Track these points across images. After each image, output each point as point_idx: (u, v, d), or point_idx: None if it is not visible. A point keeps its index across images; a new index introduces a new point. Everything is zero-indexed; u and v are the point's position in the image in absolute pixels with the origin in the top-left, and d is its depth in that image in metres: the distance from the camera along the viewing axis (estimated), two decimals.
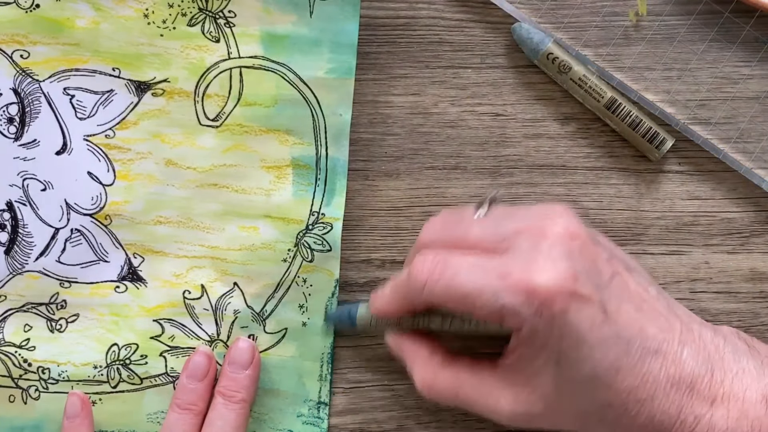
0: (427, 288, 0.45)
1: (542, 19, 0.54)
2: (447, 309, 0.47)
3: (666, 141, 0.52)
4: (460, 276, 0.45)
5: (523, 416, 0.46)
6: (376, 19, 0.54)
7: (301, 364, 0.53)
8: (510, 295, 0.43)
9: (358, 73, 0.54)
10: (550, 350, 0.44)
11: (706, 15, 0.54)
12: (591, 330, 0.44)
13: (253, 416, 0.53)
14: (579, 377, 0.44)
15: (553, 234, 0.44)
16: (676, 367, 0.45)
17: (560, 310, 0.43)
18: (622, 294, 0.45)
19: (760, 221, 0.54)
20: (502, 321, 0.44)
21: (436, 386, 0.49)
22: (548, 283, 0.43)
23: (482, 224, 0.47)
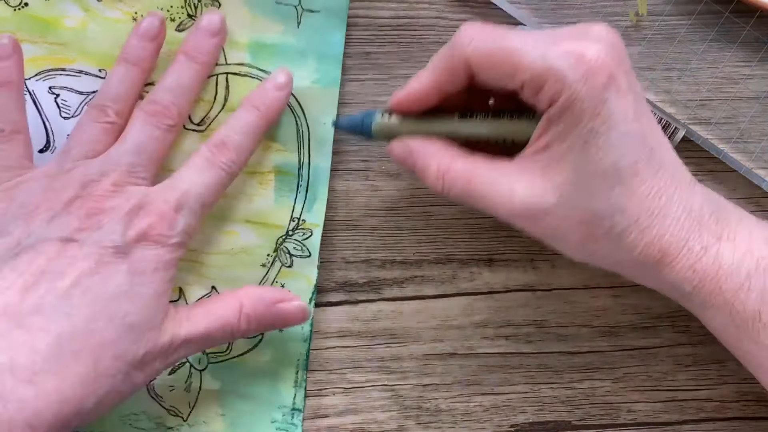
0: (474, 43, 0.45)
1: (543, 20, 0.54)
2: (484, 75, 0.46)
3: (678, 131, 0.52)
4: (510, 36, 0.45)
5: (533, 209, 0.46)
6: (376, 19, 0.54)
7: (276, 370, 0.53)
8: (559, 57, 0.43)
9: (358, 73, 0.54)
10: (581, 127, 0.44)
11: (707, 15, 0.54)
12: (624, 120, 0.44)
13: (226, 421, 0.53)
14: (602, 166, 0.44)
15: (599, 30, 0.45)
16: (688, 197, 0.46)
17: (603, 84, 0.43)
18: (647, 111, 0.46)
19: None
20: (542, 87, 0.44)
21: (451, 172, 0.48)
22: (599, 54, 0.43)
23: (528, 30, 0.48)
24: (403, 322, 0.54)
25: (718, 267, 0.45)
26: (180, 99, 0.51)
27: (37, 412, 0.44)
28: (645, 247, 0.45)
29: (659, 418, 0.54)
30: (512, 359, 0.54)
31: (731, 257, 0.45)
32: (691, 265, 0.45)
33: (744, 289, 0.45)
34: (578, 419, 0.54)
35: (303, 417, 0.53)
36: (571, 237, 0.46)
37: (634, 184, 0.44)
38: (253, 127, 0.51)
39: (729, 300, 0.45)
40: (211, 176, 0.50)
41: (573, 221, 0.46)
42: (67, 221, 0.47)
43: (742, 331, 0.46)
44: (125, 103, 0.51)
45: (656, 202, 0.45)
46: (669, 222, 0.45)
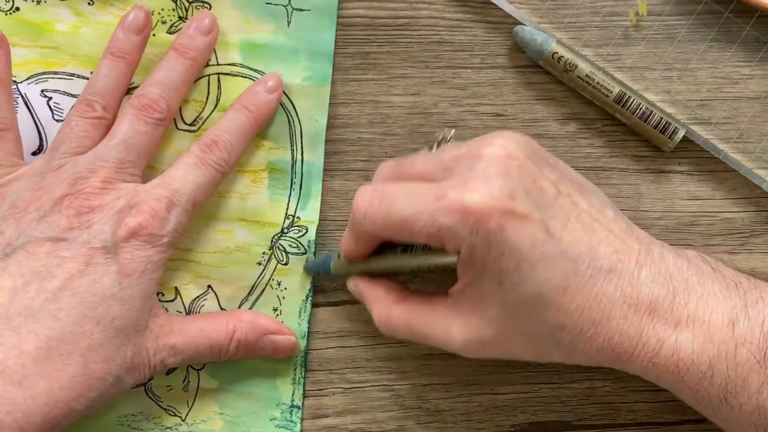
0: (367, 218, 0.46)
1: (542, 20, 0.54)
2: (392, 239, 0.47)
3: (678, 130, 0.52)
4: (397, 202, 0.45)
5: (474, 343, 0.46)
6: (376, 19, 0.54)
7: (274, 368, 0.53)
8: (445, 215, 0.43)
9: (358, 73, 0.54)
10: (491, 272, 0.43)
11: (706, 15, 0.54)
12: (532, 248, 0.43)
13: (225, 420, 0.53)
14: (524, 298, 0.43)
15: (489, 155, 0.44)
16: (633, 288, 0.44)
17: (496, 227, 0.42)
18: (569, 214, 0.44)
19: (760, 221, 0.54)
20: (443, 243, 0.44)
21: (391, 320, 0.49)
22: (480, 200, 0.42)
23: (426, 156, 0.47)
24: None
25: (677, 360, 0.44)
26: (169, 93, 0.51)
27: (26, 414, 0.44)
28: (597, 352, 0.45)
29: (659, 418, 0.54)
30: (512, 359, 0.54)
31: (690, 347, 0.44)
32: (649, 359, 0.44)
33: (707, 378, 0.44)
34: (578, 419, 0.54)
35: (302, 415, 0.53)
36: (523, 355, 0.46)
37: (566, 302, 0.43)
38: (244, 127, 0.52)
39: (693, 388, 0.45)
40: (203, 174, 0.50)
41: (518, 344, 0.46)
42: (57, 220, 0.47)
43: (711, 411, 0.46)
44: (112, 97, 0.51)
45: (596, 309, 0.44)
46: (616, 323, 0.44)
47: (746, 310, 0.44)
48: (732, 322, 0.44)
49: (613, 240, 0.45)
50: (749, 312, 0.44)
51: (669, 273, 0.45)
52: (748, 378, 0.44)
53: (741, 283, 0.46)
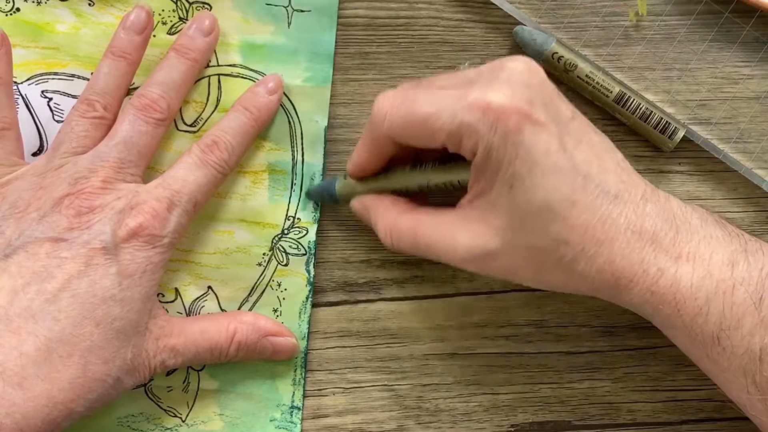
0: (388, 118, 0.46)
1: (542, 20, 0.54)
2: (408, 143, 0.47)
3: (678, 130, 0.52)
4: (419, 102, 0.45)
5: (478, 254, 0.46)
6: (376, 19, 0.54)
7: (274, 369, 0.53)
8: (467, 112, 0.43)
9: (358, 73, 0.54)
10: (503, 173, 0.44)
11: (706, 15, 0.54)
12: (546, 155, 0.43)
13: (225, 421, 0.53)
14: (533, 206, 0.44)
15: (512, 67, 0.45)
16: (638, 218, 0.44)
17: (515, 127, 0.43)
18: (582, 137, 0.45)
19: (760, 221, 0.54)
20: (460, 143, 0.44)
21: (397, 229, 0.49)
22: (503, 100, 0.43)
23: (448, 73, 0.48)
24: (403, 322, 0.54)
25: (676, 290, 0.44)
26: (170, 93, 0.51)
27: (26, 416, 0.44)
28: (597, 274, 0.45)
29: (659, 418, 0.54)
30: (512, 359, 0.54)
31: (690, 280, 0.44)
32: (648, 287, 0.44)
33: (702, 313, 0.44)
34: (578, 419, 0.54)
35: (302, 416, 0.53)
36: (523, 272, 0.46)
37: (573, 216, 0.44)
38: (244, 128, 0.52)
39: (687, 323, 0.45)
40: (204, 175, 0.50)
41: (520, 259, 0.46)
42: (57, 220, 0.47)
43: (702, 352, 0.45)
44: (113, 97, 0.51)
45: (600, 228, 0.44)
46: (618, 246, 0.44)
47: (746, 255, 0.45)
48: (732, 263, 0.44)
49: (621, 173, 0.46)
50: (749, 258, 0.45)
51: (673, 213, 0.46)
52: (743, 319, 0.44)
53: (743, 235, 0.46)
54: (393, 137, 0.47)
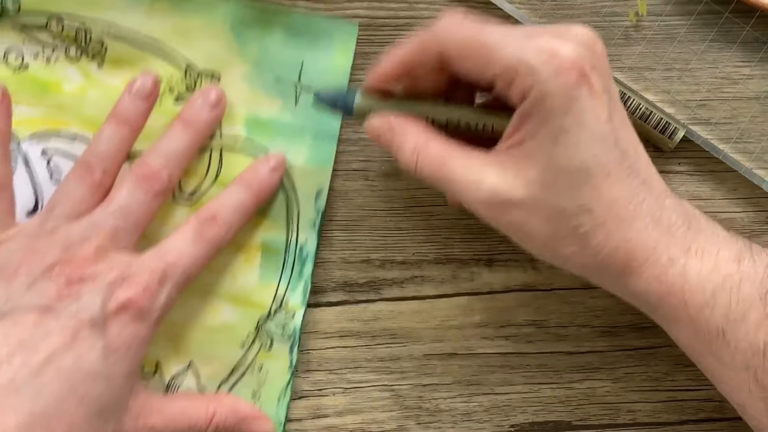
0: (449, 29, 0.45)
1: (542, 20, 0.54)
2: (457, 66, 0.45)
3: (678, 130, 0.52)
4: (488, 29, 0.45)
5: (501, 199, 0.45)
6: (376, 19, 0.54)
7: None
8: (532, 51, 0.43)
9: (358, 73, 0.54)
10: (552, 124, 0.43)
11: (706, 15, 0.54)
12: (596, 120, 0.43)
13: None
14: (572, 165, 0.44)
15: (580, 31, 0.45)
16: (658, 207, 0.45)
17: (575, 82, 0.43)
18: (624, 119, 0.46)
19: (760, 221, 0.54)
20: (513, 81, 0.44)
21: (426, 152, 0.47)
22: (571, 54, 0.43)
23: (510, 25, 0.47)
24: (403, 322, 0.54)
25: (684, 281, 0.44)
26: (171, 165, 0.50)
27: None
28: (611, 251, 0.45)
29: (659, 418, 0.54)
30: (512, 359, 0.54)
31: (698, 272, 0.44)
32: (657, 275, 0.45)
33: (709, 306, 0.44)
34: (578, 419, 0.54)
35: (302, 415, 0.53)
36: (537, 234, 0.45)
37: (603, 187, 0.44)
38: (243, 204, 0.51)
39: (693, 316, 0.45)
40: (200, 249, 0.49)
41: (539, 217, 0.45)
42: (46, 288, 0.46)
43: (706, 347, 0.45)
44: (113, 163, 0.50)
45: (624, 207, 0.44)
46: (636, 228, 0.44)
47: (752, 253, 0.45)
48: (738, 259, 0.45)
49: (649, 164, 0.46)
50: (754, 256, 0.45)
51: (686, 211, 0.46)
52: (748, 313, 0.44)
53: (748, 239, 0.47)
54: (447, 51, 0.45)
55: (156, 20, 0.53)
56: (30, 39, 0.53)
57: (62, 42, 0.53)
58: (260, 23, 0.53)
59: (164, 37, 0.53)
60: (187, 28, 0.53)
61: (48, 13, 0.53)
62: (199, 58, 0.53)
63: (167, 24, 0.53)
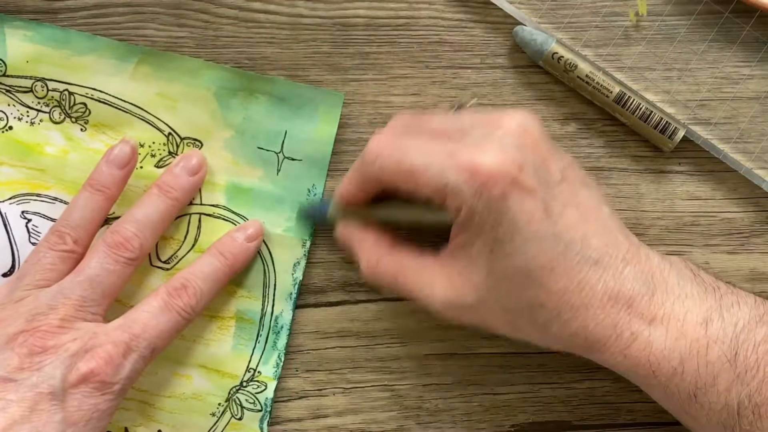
0: (378, 162, 0.46)
1: (542, 20, 0.54)
2: (396, 187, 0.47)
3: (678, 130, 0.52)
4: (411, 153, 0.45)
5: (454, 305, 0.46)
6: (376, 19, 0.54)
7: None
8: (454, 172, 0.44)
9: (358, 73, 0.54)
10: (485, 237, 0.44)
11: (706, 15, 0.54)
12: (529, 223, 0.43)
13: None
14: (512, 270, 0.44)
15: (507, 126, 0.45)
16: (616, 282, 0.45)
17: (500, 194, 0.43)
18: (568, 200, 0.45)
19: (760, 221, 0.54)
20: (445, 200, 0.44)
21: (380, 268, 0.49)
22: (492, 165, 0.43)
23: (444, 116, 0.48)
24: (403, 322, 0.54)
25: (649, 353, 0.44)
26: (144, 233, 0.50)
27: None
28: (571, 336, 0.45)
29: (659, 418, 0.54)
30: (512, 359, 0.54)
31: (663, 342, 0.44)
32: (621, 351, 0.45)
33: (678, 373, 0.44)
34: (578, 419, 0.54)
35: (301, 416, 0.53)
36: (498, 327, 0.47)
37: (550, 282, 0.44)
38: (217, 274, 0.51)
39: (663, 383, 0.45)
40: (167, 320, 0.49)
41: (495, 315, 0.46)
42: (8, 358, 0.46)
43: (680, 408, 0.46)
44: (85, 231, 0.50)
45: (577, 295, 0.44)
46: (593, 312, 0.44)
47: (721, 312, 0.45)
48: (706, 321, 0.45)
49: (605, 233, 0.46)
50: (724, 314, 0.45)
51: (651, 273, 0.46)
52: (719, 376, 0.44)
53: (719, 288, 0.46)
54: (381, 181, 0.47)
55: (139, 86, 0.53)
56: (14, 101, 0.53)
57: (46, 105, 0.53)
58: (244, 90, 0.53)
59: (147, 103, 0.53)
60: (171, 94, 0.53)
61: (33, 77, 0.53)
62: (182, 125, 0.53)
63: (150, 90, 0.53)
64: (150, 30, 0.53)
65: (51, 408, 0.46)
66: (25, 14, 0.53)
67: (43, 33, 0.53)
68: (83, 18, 0.53)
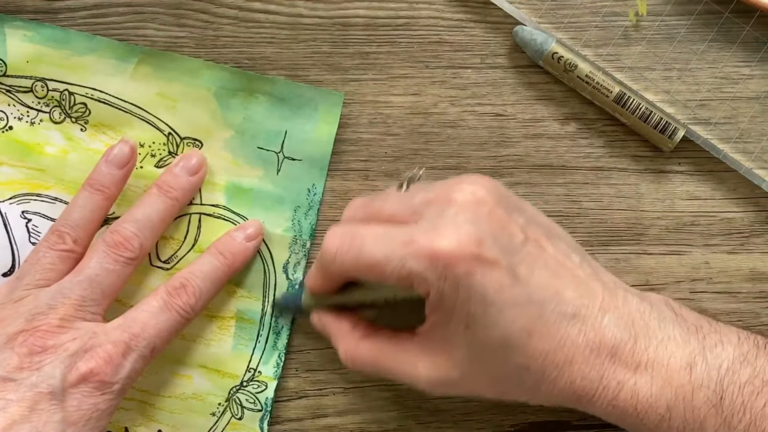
0: (337, 259, 0.46)
1: (542, 20, 0.54)
2: (362, 279, 0.47)
3: (678, 130, 0.52)
4: (367, 245, 0.45)
5: (440, 382, 0.46)
6: (376, 19, 0.54)
7: None
8: (415, 260, 0.43)
9: (358, 73, 0.54)
10: (458, 315, 0.44)
11: (706, 15, 0.54)
12: (499, 292, 0.43)
13: None
14: (491, 342, 0.44)
15: (458, 201, 0.45)
16: (596, 333, 0.45)
17: (464, 273, 0.43)
18: (536, 259, 0.45)
19: (760, 221, 0.54)
20: (412, 286, 0.44)
21: (358, 357, 0.48)
22: (450, 247, 0.43)
23: (397, 198, 0.47)
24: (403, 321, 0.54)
25: (636, 402, 0.44)
26: (144, 232, 0.50)
27: None
28: (559, 393, 0.45)
29: None
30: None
31: (649, 390, 0.44)
32: (609, 401, 0.45)
33: (665, 420, 0.44)
34: (578, 419, 0.54)
35: (301, 416, 0.53)
36: (488, 395, 0.47)
37: (530, 345, 0.44)
38: (216, 273, 0.51)
39: (652, 430, 0.45)
40: (166, 320, 0.49)
41: (482, 384, 0.46)
42: (8, 358, 0.46)
43: None
44: (84, 230, 0.50)
45: (560, 352, 0.44)
46: (578, 367, 0.44)
47: (704, 354, 0.45)
48: (690, 366, 0.45)
49: (578, 285, 0.45)
50: (707, 356, 0.45)
51: (631, 318, 0.46)
52: (705, 421, 0.44)
53: (702, 327, 0.46)
54: (344, 275, 0.47)
55: (139, 86, 0.53)
56: (14, 101, 0.53)
57: (46, 105, 0.53)
58: (244, 90, 0.53)
59: (147, 103, 0.53)
60: (171, 94, 0.53)
61: (33, 77, 0.53)
62: (182, 125, 0.53)
63: (150, 90, 0.53)
64: (150, 30, 0.54)
65: (50, 408, 0.46)
66: (25, 14, 0.53)
67: (43, 33, 0.53)
68: (83, 18, 0.53)
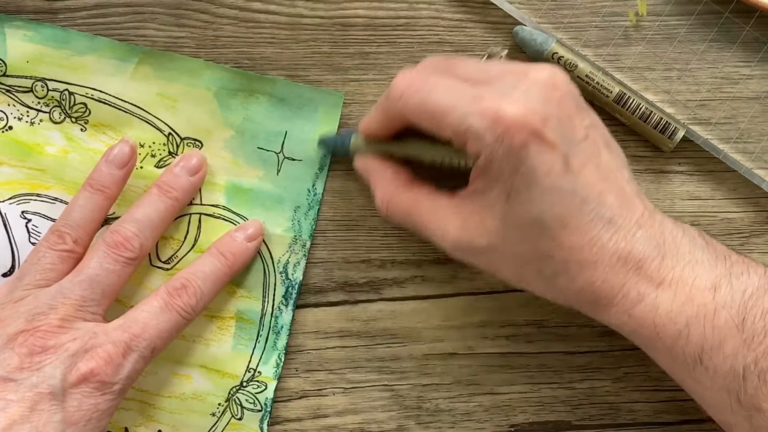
0: (403, 99, 0.46)
1: (542, 20, 0.54)
2: (418, 125, 0.47)
3: (678, 130, 0.52)
4: (436, 92, 0.45)
5: (465, 247, 0.47)
6: (376, 19, 0.54)
7: None
8: (477, 117, 0.44)
9: (358, 73, 0.54)
10: (503, 183, 0.44)
11: (706, 15, 0.54)
12: (547, 174, 0.44)
13: None
14: (525, 219, 0.44)
15: (535, 78, 0.45)
16: (627, 243, 0.45)
17: (521, 143, 0.43)
18: (590, 158, 0.45)
19: (760, 221, 0.54)
20: (465, 143, 0.45)
21: (394, 202, 0.49)
22: (515, 114, 0.43)
23: (476, 63, 0.48)
24: (403, 322, 0.54)
25: (654, 315, 0.45)
26: (144, 232, 0.50)
27: None
28: (577, 292, 0.45)
29: (659, 418, 0.54)
30: (512, 359, 0.54)
31: (669, 306, 0.44)
32: (626, 310, 0.45)
33: (683, 336, 0.44)
34: (578, 419, 0.54)
35: (301, 416, 0.53)
36: (505, 273, 0.47)
37: (562, 236, 0.44)
38: (217, 274, 0.51)
39: (668, 345, 0.45)
40: (167, 320, 0.49)
41: (504, 261, 0.46)
42: (8, 358, 0.46)
43: (684, 372, 0.46)
44: (84, 231, 0.50)
45: (587, 252, 0.44)
46: (601, 270, 0.45)
47: (730, 279, 0.45)
48: (714, 287, 0.45)
49: (622, 196, 0.46)
50: (733, 281, 0.45)
51: (663, 238, 0.46)
52: (725, 340, 0.44)
53: (730, 257, 0.46)
54: (405, 118, 0.47)
55: (139, 86, 0.53)
56: (15, 101, 0.53)
57: (46, 105, 0.53)
58: (244, 90, 0.53)
59: (147, 103, 0.53)
60: (171, 94, 0.53)
61: (33, 77, 0.53)
62: (182, 125, 0.53)
63: (151, 90, 0.53)
64: (150, 30, 0.54)
65: (51, 408, 0.46)
66: (25, 14, 0.53)
67: (43, 33, 0.53)
68: (83, 18, 0.53)
